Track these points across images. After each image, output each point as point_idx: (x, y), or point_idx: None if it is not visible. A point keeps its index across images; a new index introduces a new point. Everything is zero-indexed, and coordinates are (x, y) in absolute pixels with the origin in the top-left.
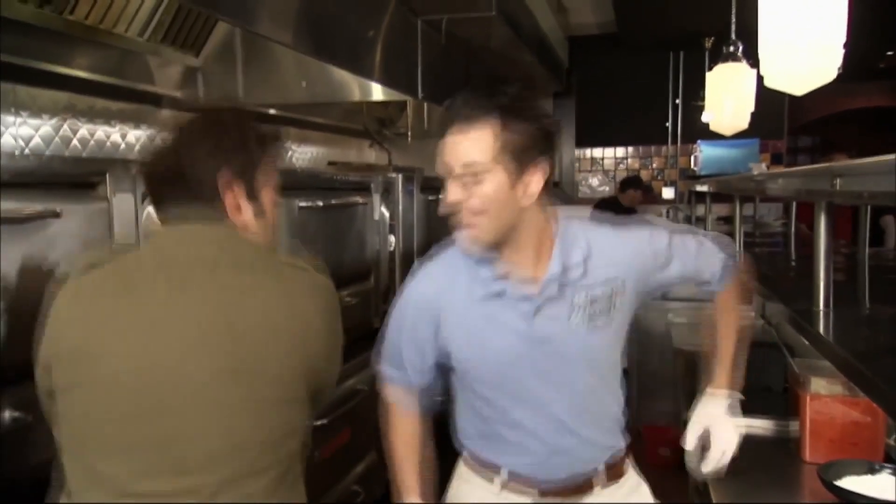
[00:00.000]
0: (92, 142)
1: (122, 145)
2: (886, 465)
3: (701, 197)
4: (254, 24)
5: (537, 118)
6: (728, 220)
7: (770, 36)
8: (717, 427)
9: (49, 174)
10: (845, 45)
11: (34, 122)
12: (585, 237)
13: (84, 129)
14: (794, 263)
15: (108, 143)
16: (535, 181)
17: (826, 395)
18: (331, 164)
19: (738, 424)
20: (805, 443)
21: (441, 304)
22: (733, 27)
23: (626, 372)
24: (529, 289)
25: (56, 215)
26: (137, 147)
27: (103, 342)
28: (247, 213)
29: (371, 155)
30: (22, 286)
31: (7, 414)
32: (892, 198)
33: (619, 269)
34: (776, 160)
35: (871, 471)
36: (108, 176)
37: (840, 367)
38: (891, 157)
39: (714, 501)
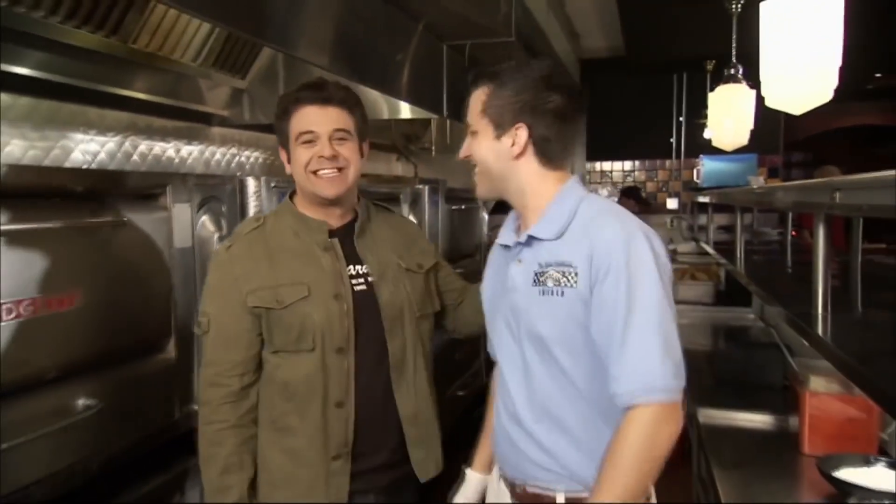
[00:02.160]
0: (150, 157)
1: (177, 160)
2: (881, 458)
3: (703, 207)
4: (295, 49)
5: (519, 90)
6: (728, 228)
7: (771, 60)
8: None
9: (118, 186)
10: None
11: (100, 139)
12: (573, 213)
13: (143, 146)
14: (790, 270)
15: (164, 158)
16: (518, 139)
17: (824, 393)
18: (362, 176)
19: None
20: (804, 437)
21: (493, 247)
22: (734, 51)
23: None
24: (513, 241)
25: (124, 224)
26: (189, 161)
27: None
28: None
29: (398, 168)
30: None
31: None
32: (891, 211)
33: (576, 258)
34: (773, 174)
35: (867, 463)
36: (168, 188)
37: (839, 367)
38: (888, 173)
39: (720, 491)
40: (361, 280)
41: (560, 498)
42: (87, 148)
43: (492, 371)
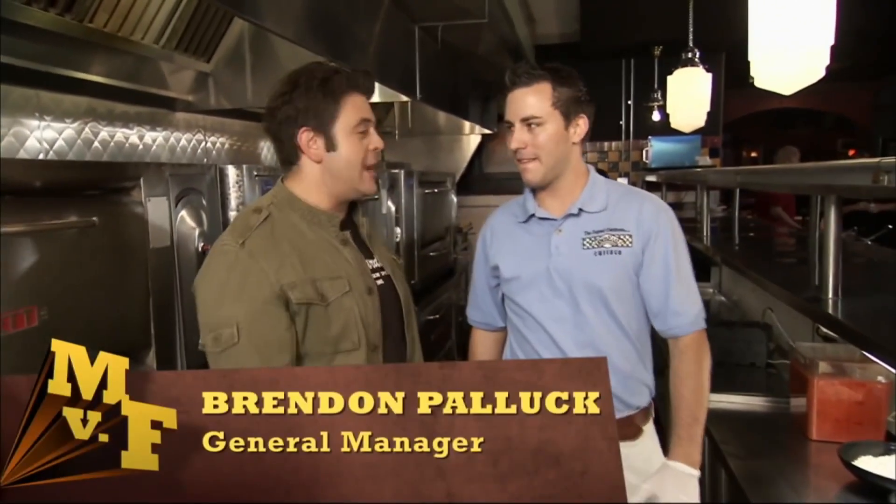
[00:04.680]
0: (112, 144)
1: (140, 146)
2: None
3: (652, 186)
4: (262, 20)
5: (577, 86)
6: (676, 206)
7: (760, 39)
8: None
9: (84, 181)
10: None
11: (57, 125)
12: (607, 191)
13: (104, 132)
14: (737, 247)
15: (127, 145)
16: (580, 127)
17: (832, 379)
18: None
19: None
20: (812, 422)
21: (492, 227)
22: (691, 35)
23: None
24: (555, 214)
25: (92, 225)
26: (154, 148)
27: None
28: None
29: None
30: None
31: None
32: None
33: (628, 224)
34: (713, 154)
35: (887, 451)
36: (142, 181)
37: (864, 347)
38: None
39: (742, 487)
40: (378, 274)
41: None
42: (44, 135)
43: (468, 345)
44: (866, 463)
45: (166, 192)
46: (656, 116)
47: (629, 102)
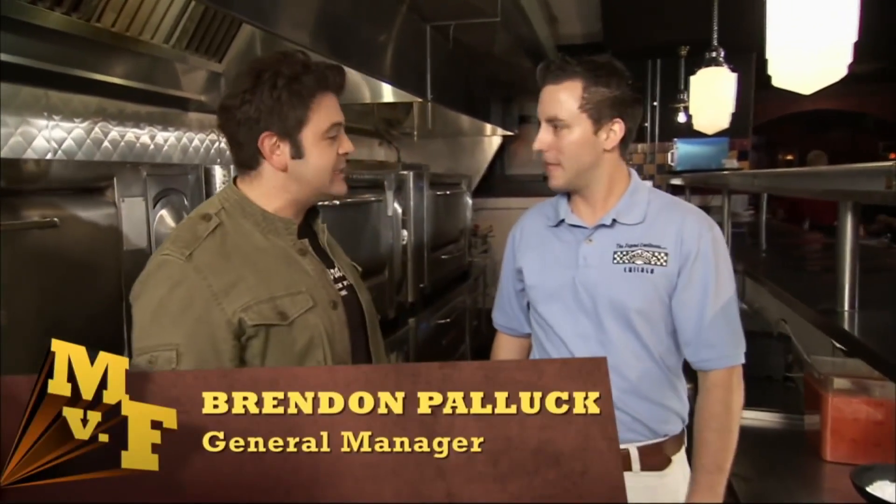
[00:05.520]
0: (122, 143)
1: (152, 146)
2: None
3: (678, 190)
4: (274, 26)
5: (617, 85)
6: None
7: (778, 37)
8: None
9: (53, 179)
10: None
11: (66, 125)
12: (648, 201)
13: (115, 132)
14: (764, 254)
15: (138, 145)
16: (614, 132)
17: (848, 396)
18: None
19: None
20: (826, 442)
21: (522, 227)
22: (715, 34)
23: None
24: (587, 222)
25: (53, 225)
26: (166, 148)
27: None
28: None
29: (381, 153)
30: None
31: None
32: None
33: (665, 241)
34: (742, 157)
35: None
36: (115, 180)
37: (873, 363)
38: None
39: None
40: (340, 285)
41: (633, 450)
42: (52, 135)
43: (483, 349)
44: (881, 489)
45: (143, 193)
46: (682, 118)
47: (655, 104)
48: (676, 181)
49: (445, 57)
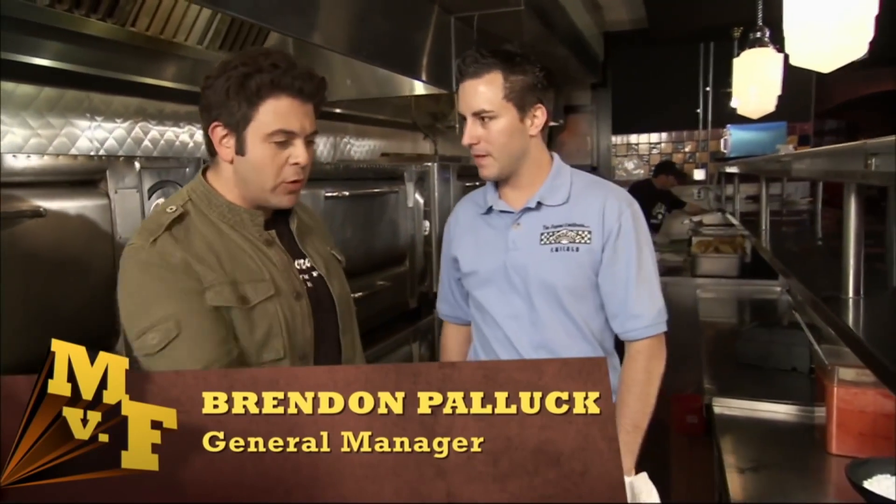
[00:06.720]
0: (162, 141)
1: (191, 144)
2: None
3: (730, 178)
4: (311, 37)
5: (533, 72)
6: (756, 198)
7: (795, 13)
8: None
9: (46, 172)
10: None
11: (108, 125)
12: (571, 182)
13: (154, 131)
14: (820, 243)
15: (178, 143)
16: (538, 118)
17: (855, 386)
18: (383, 155)
19: None
20: (831, 435)
21: (456, 219)
22: (760, 13)
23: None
24: (514, 206)
25: (39, 215)
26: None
27: None
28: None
29: (426, 147)
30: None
31: None
32: None
33: (589, 219)
34: (803, 142)
35: None
36: (108, 173)
37: (870, 365)
38: None
39: (733, 500)
40: (307, 276)
41: None
42: (94, 135)
43: (441, 340)
44: (878, 484)
45: (137, 185)
46: (735, 103)
47: (707, 89)
48: (733, 169)
49: (471, 48)
